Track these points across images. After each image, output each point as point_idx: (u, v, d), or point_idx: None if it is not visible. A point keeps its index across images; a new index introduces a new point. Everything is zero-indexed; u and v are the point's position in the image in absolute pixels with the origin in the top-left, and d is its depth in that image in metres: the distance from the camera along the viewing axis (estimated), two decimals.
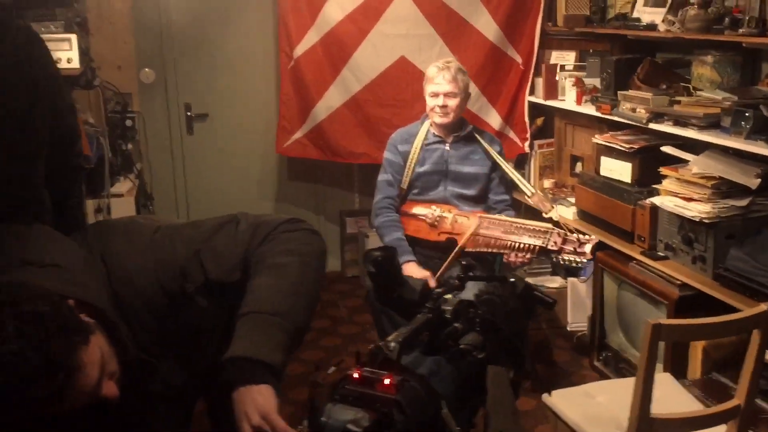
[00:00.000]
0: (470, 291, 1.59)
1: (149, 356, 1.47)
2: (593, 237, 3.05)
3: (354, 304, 4.64)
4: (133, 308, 1.46)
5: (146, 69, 4.52)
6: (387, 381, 1.26)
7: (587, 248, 2.96)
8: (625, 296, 3.42)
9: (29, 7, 3.42)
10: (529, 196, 3.47)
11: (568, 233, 3.04)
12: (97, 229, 1.59)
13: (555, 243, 3.00)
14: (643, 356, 1.87)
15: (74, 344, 1.24)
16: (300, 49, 4.32)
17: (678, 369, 3.01)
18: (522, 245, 3.07)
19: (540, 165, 4.34)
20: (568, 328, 4.14)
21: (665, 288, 3.09)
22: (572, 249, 2.96)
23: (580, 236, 3.01)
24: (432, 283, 3.10)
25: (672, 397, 2.39)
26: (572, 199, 3.89)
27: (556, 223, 3.28)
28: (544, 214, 3.41)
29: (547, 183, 4.21)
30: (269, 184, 4.97)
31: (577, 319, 4.12)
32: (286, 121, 4.47)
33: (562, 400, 2.37)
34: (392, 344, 1.35)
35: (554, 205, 3.36)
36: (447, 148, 3.41)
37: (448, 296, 1.53)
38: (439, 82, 3.33)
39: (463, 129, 3.42)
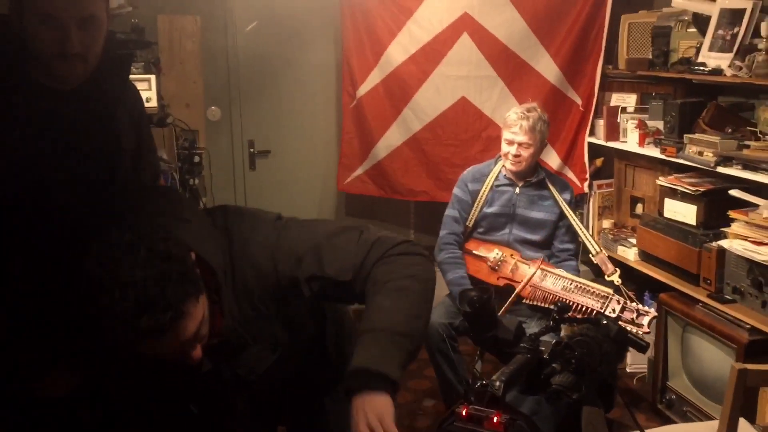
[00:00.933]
0: (564, 332, 1.63)
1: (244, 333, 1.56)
2: (652, 310, 3.04)
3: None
4: (245, 281, 1.55)
5: (213, 107, 4.68)
6: (495, 419, 1.31)
7: (645, 321, 2.96)
8: (690, 339, 3.40)
9: (112, 49, 3.58)
10: (593, 255, 3.44)
11: (628, 302, 3.04)
12: (221, 208, 1.69)
13: (613, 310, 3.00)
14: (727, 402, 1.88)
15: (188, 293, 1.35)
16: (363, 89, 4.43)
17: (749, 414, 2.98)
18: (579, 306, 3.09)
19: (599, 205, 4.36)
20: (627, 369, 4.12)
21: (734, 332, 3.07)
22: (630, 319, 2.95)
23: (640, 307, 3.01)
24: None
25: None
26: (633, 240, 3.89)
27: (617, 289, 3.26)
28: (606, 276, 3.38)
29: (607, 223, 4.22)
30: (326, 217, 5.05)
31: (636, 360, 4.10)
32: (347, 158, 4.57)
33: None
34: (497, 383, 1.40)
35: (617, 269, 3.35)
36: (516, 191, 3.43)
37: (545, 337, 1.57)
38: (516, 131, 3.33)
39: (535, 175, 3.45)
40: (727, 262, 3.20)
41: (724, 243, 3.16)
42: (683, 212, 3.48)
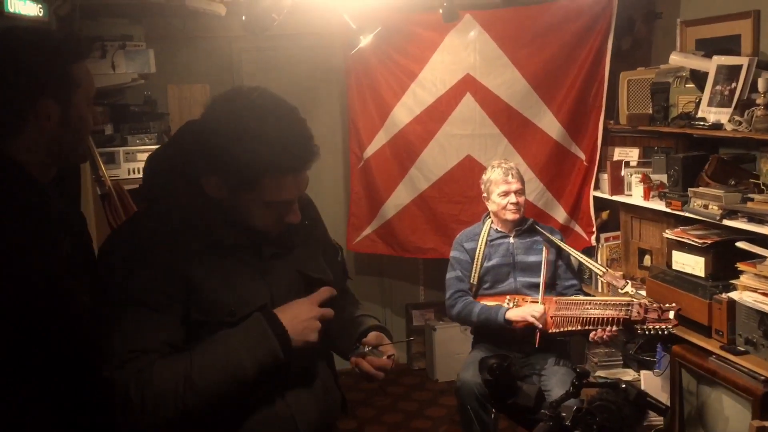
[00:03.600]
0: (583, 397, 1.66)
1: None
2: (674, 304, 3.09)
3: (424, 397, 4.67)
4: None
5: None
6: None
7: (671, 314, 3.02)
8: (705, 391, 3.40)
9: (126, 121, 3.70)
10: (600, 275, 3.56)
11: (648, 303, 3.10)
12: None
13: (638, 313, 3.07)
14: None
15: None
16: (370, 150, 4.53)
17: None
18: (605, 319, 3.13)
19: (607, 257, 4.40)
20: (644, 423, 4.09)
21: (749, 383, 3.08)
22: (656, 317, 3.02)
23: (661, 305, 3.07)
24: (539, 310, 3.22)
25: None
26: (643, 292, 3.92)
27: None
28: (619, 291, 3.48)
29: (617, 273, 4.25)
30: None
31: (652, 413, 4.07)
32: (356, 218, 4.64)
33: None
34: None
35: (627, 281, 3.43)
36: (511, 240, 3.57)
37: (566, 404, 1.60)
38: (511, 181, 3.53)
39: (524, 223, 3.60)
40: (738, 313, 3.22)
41: (734, 295, 3.18)
42: (691, 264, 3.52)
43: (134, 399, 1.42)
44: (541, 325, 3.26)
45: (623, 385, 1.67)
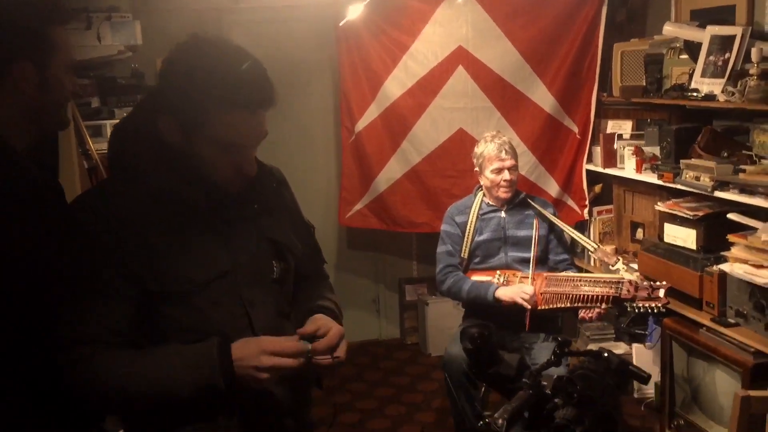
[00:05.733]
0: (564, 366, 1.64)
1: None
2: (664, 282, 3.07)
3: (416, 371, 4.67)
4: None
5: None
6: None
7: (661, 293, 2.99)
8: (696, 364, 3.40)
9: (113, 94, 3.66)
10: (591, 252, 3.53)
11: (639, 281, 3.08)
12: None
13: (628, 291, 3.04)
14: (732, 428, 1.88)
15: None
16: (361, 124, 4.48)
17: None
18: (594, 296, 3.11)
19: (600, 231, 4.38)
20: (636, 395, 4.11)
21: (739, 356, 3.07)
22: (646, 295, 2.99)
23: (652, 283, 3.04)
24: (530, 290, 3.20)
25: None
26: (635, 266, 3.90)
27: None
28: (610, 267, 3.45)
29: (608, 249, 4.23)
30: (329, 253, 5.07)
31: (644, 385, 4.09)
32: (348, 192, 4.61)
33: None
34: (500, 420, 1.41)
35: (619, 257, 3.40)
36: (503, 214, 3.52)
37: (546, 372, 1.59)
38: (504, 158, 3.44)
39: (516, 197, 3.54)
40: (729, 285, 3.21)
41: (724, 267, 3.17)
42: (683, 237, 3.50)
43: (71, 387, 1.40)
44: (530, 307, 3.22)
45: (605, 354, 1.65)
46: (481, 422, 1.39)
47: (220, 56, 1.45)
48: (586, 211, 4.44)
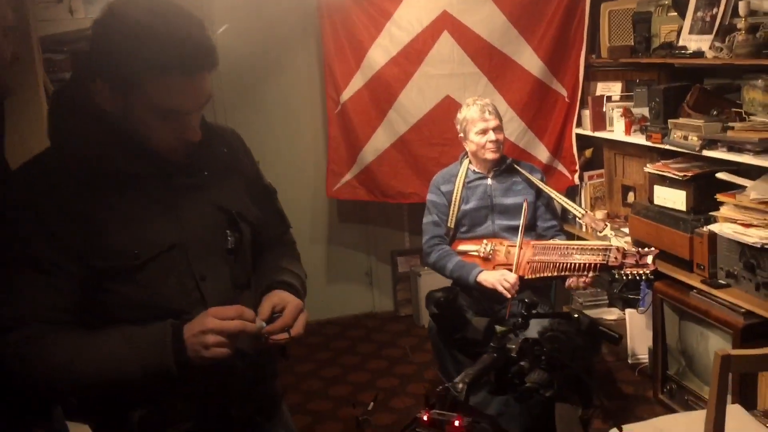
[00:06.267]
0: (534, 329, 1.59)
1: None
2: (653, 248, 3.02)
3: (409, 343, 4.64)
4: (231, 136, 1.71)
5: None
6: (457, 423, 1.28)
7: (649, 259, 2.94)
8: (687, 326, 3.35)
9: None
10: (580, 218, 3.47)
11: (627, 248, 3.02)
12: None
13: (615, 258, 2.98)
14: (713, 389, 1.84)
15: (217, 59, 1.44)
16: (346, 94, 4.40)
17: (748, 399, 2.93)
18: (582, 265, 3.05)
19: (591, 196, 4.32)
20: (629, 361, 4.07)
21: (729, 317, 3.02)
22: (634, 262, 2.94)
23: (640, 249, 2.99)
24: (512, 278, 3.13)
25: (745, 430, 2.32)
26: (626, 230, 3.84)
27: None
28: (598, 233, 3.40)
29: (599, 214, 4.17)
30: (320, 226, 5.03)
31: (637, 351, 4.05)
32: (335, 164, 4.54)
33: None
34: (460, 385, 1.36)
35: (607, 223, 3.35)
36: (489, 182, 3.45)
37: (513, 335, 1.53)
38: (488, 118, 3.41)
39: (503, 162, 3.47)
40: (719, 246, 3.15)
41: (714, 227, 3.10)
42: (673, 198, 3.43)
43: (15, 370, 1.35)
44: (510, 296, 3.15)
45: (575, 315, 1.59)
46: (441, 387, 1.35)
47: (154, 15, 1.35)
48: (576, 176, 4.36)
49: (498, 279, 3.17)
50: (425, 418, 1.29)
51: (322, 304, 5.01)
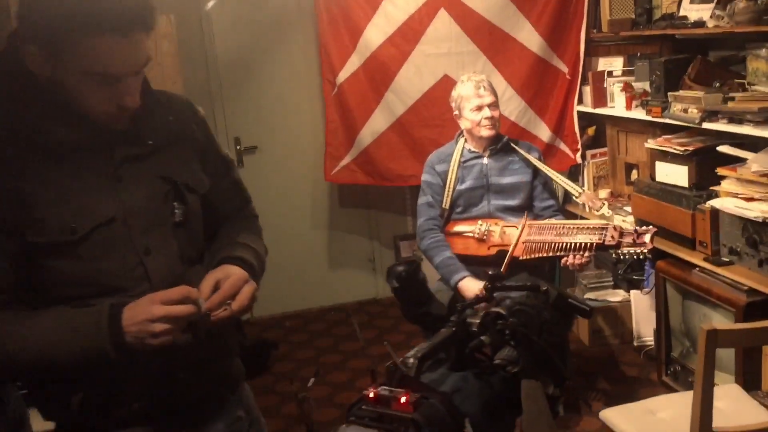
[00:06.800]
0: (501, 302, 1.51)
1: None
2: (651, 227, 2.92)
3: (411, 329, 4.56)
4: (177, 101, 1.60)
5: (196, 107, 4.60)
6: (403, 399, 1.20)
7: (647, 238, 2.83)
8: (690, 306, 3.24)
9: None
10: (576, 196, 3.38)
11: (624, 226, 2.93)
12: None
13: (612, 237, 2.88)
14: (699, 365, 1.75)
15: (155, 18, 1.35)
16: (343, 76, 4.32)
17: (753, 381, 2.83)
18: (578, 245, 2.96)
19: (594, 175, 4.20)
20: (635, 343, 3.97)
21: (732, 295, 2.91)
22: (631, 241, 2.84)
23: (638, 228, 2.89)
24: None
25: (741, 410, 2.23)
26: (629, 209, 3.74)
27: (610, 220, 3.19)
28: (595, 212, 3.31)
29: (603, 193, 4.06)
30: (321, 212, 4.97)
31: (643, 333, 3.95)
32: (333, 148, 4.47)
33: (621, 417, 2.23)
34: (410, 360, 1.29)
35: (605, 201, 3.25)
36: (485, 161, 3.36)
37: (475, 308, 1.45)
38: (483, 94, 3.32)
39: (499, 141, 3.38)
40: (722, 222, 3.03)
41: (715, 203, 2.99)
42: (675, 174, 3.32)
43: None
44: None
45: (543, 287, 1.51)
46: (390, 362, 1.27)
47: None
48: (578, 155, 4.25)
49: (477, 292, 3.08)
50: (371, 395, 1.21)
51: (325, 290, 4.96)
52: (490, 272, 1.51)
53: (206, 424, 1.51)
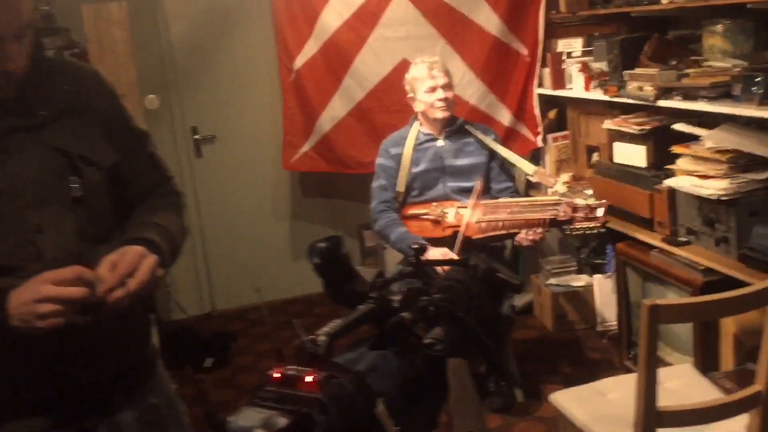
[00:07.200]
0: (426, 277, 1.44)
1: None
2: (603, 201, 2.89)
3: None
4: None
5: (150, 95, 4.49)
6: (309, 378, 1.12)
7: (599, 212, 2.82)
8: (650, 288, 3.21)
9: None
10: (531, 176, 3.34)
11: (578, 201, 2.90)
12: None
13: (565, 212, 2.87)
14: (642, 341, 1.69)
15: None
16: (300, 61, 4.23)
17: (711, 362, 2.79)
18: (532, 221, 2.92)
19: (556, 159, 4.15)
20: (598, 328, 3.93)
21: (689, 275, 2.87)
22: (584, 216, 2.82)
23: (591, 202, 2.86)
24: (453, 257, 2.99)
25: (693, 390, 2.18)
26: (589, 191, 3.68)
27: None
28: (549, 190, 3.26)
29: (565, 177, 4.00)
30: (283, 202, 4.88)
31: (607, 317, 3.91)
32: (292, 135, 4.38)
33: (570, 400, 2.17)
34: (321, 338, 1.21)
35: (557, 179, 3.21)
36: (440, 143, 3.31)
37: (397, 284, 1.38)
38: (436, 75, 3.28)
39: (454, 123, 3.33)
40: (679, 202, 2.99)
41: (671, 182, 2.94)
42: (632, 155, 3.27)
43: None
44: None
45: (471, 261, 1.44)
46: (297, 340, 1.20)
47: None
48: (539, 138, 4.19)
49: (444, 254, 3.03)
50: (276, 375, 1.14)
51: (288, 282, 4.86)
52: (413, 246, 1.44)
53: (114, 413, 1.42)
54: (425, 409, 1.33)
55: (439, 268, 2.07)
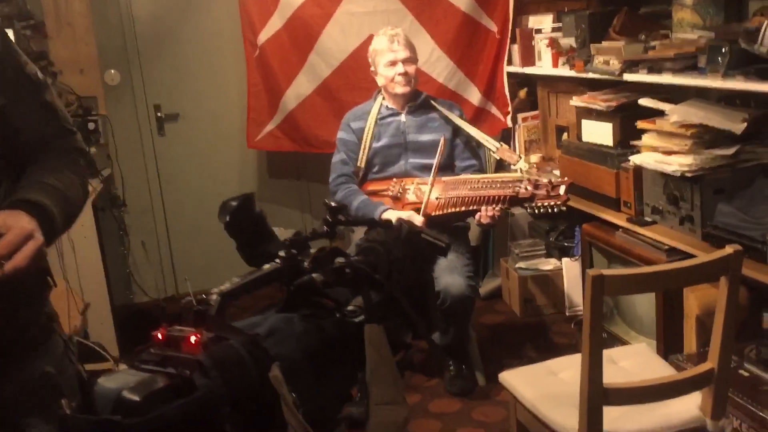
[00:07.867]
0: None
1: None
2: (565, 178, 2.80)
3: None
4: None
5: (111, 70, 4.37)
6: (193, 339, 1.02)
7: (561, 189, 2.73)
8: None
9: None
10: (494, 152, 3.25)
11: (540, 179, 2.80)
12: None
13: (526, 189, 2.78)
14: (586, 313, 1.59)
15: None
16: (264, 36, 4.10)
17: (675, 344, 2.70)
18: (492, 197, 2.82)
19: (525, 139, 4.05)
20: (567, 313, 3.85)
21: (652, 255, 2.78)
22: (545, 193, 2.73)
23: (552, 179, 2.77)
24: (419, 221, 2.88)
25: (647, 369, 2.08)
26: (557, 172, 3.59)
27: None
28: (512, 167, 3.17)
29: (534, 158, 3.91)
30: (250, 182, 4.76)
31: (574, 301, 3.83)
32: (256, 113, 4.25)
33: (520, 379, 2.08)
34: (214, 296, 1.10)
35: (521, 156, 3.12)
36: (402, 118, 3.21)
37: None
38: (396, 49, 3.19)
39: (417, 98, 3.23)
40: (645, 181, 2.90)
41: (636, 158, 2.85)
42: (600, 133, 3.18)
43: None
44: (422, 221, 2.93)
45: (394, 222, 1.34)
46: (185, 299, 1.09)
47: None
48: (509, 118, 4.09)
49: (409, 216, 2.93)
50: (160, 336, 1.03)
51: None
52: (332, 204, 1.33)
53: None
54: (336, 378, 1.22)
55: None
